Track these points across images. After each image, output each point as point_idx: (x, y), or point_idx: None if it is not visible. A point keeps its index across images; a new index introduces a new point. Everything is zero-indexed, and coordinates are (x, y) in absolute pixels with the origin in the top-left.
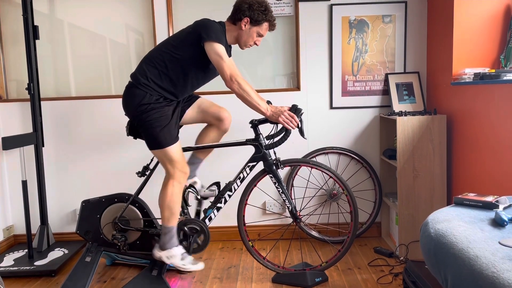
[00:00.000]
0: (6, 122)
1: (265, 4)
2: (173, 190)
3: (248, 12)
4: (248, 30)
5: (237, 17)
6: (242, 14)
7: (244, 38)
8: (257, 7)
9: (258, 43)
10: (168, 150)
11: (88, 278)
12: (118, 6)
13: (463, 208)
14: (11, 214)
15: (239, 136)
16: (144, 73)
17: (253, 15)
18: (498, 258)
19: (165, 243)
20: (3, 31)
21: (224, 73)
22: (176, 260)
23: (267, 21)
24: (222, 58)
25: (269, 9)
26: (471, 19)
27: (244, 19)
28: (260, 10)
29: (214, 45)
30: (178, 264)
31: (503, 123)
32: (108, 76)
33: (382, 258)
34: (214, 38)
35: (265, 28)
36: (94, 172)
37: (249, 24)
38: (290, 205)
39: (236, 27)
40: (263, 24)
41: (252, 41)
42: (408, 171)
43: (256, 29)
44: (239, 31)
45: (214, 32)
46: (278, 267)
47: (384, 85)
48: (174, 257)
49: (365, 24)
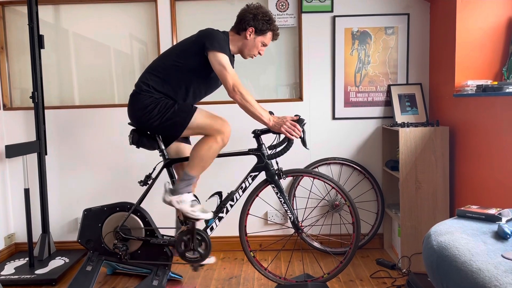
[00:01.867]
0: (9, 130)
1: (269, 14)
2: (213, 146)
3: (252, 22)
4: (253, 39)
5: (242, 27)
6: (247, 24)
7: (249, 48)
8: (261, 17)
9: (262, 53)
10: (194, 123)
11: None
12: (123, 16)
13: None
14: (12, 222)
15: (242, 146)
16: (146, 82)
17: (258, 25)
18: (501, 271)
19: (180, 189)
20: (9, 40)
21: (227, 83)
22: (185, 206)
23: (271, 31)
24: (225, 68)
25: (272, 19)
26: (474, 31)
27: (249, 29)
28: (265, 20)
29: (218, 55)
30: (187, 209)
31: (506, 135)
32: (112, 85)
33: (385, 270)
34: (218, 48)
35: (269, 37)
36: (96, 181)
37: (254, 34)
38: (292, 215)
39: (241, 36)
40: (267, 34)
41: (257, 50)
42: (410, 182)
43: (261, 38)
44: (243, 41)
45: (218, 41)
46: (280, 278)
47: (387, 96)
48: (184, 202)
49: (367, 36)
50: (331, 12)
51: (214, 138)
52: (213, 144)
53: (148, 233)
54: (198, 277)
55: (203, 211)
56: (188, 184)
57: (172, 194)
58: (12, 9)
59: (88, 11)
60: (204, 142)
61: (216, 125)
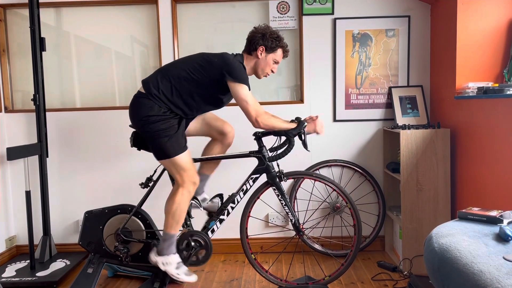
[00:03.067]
0: (11, 132)
1: (277, 32)
2: (181, 199)
3: (262, 41)
4: (265, 58)
5: (253, 47)
6: (257, 43)
7: (262, 66)
8: (269, 36)
9: (275, 70)
10: (176, 160)
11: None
12: (124, 19)
13: (467, 223)
14: (13, 225)
15: (243, 148)
16: (156, 85)
17: (267, 43)
18: (502, 273)
19: (164, 249)
20: (10, 43)
21: (251, 117)
22: (171, 268)
23: (281, 47)
24: (248, 102)
25: (280, 37)
26: (475, 33)
27: (260, 48)
28: (273, 38)
29: (241, 87)
30: (172, 272)
31: (507, 137)
32: (113, 88)
33: (386, 272)
34: (241, 80)
35: (280, 54)
36: (98, 183)
37: (265, 52)
38: (293, 217)
39: (252, 56)
40: (278, 51)
41: (269, 68)
42: (411, 184)
43: (272, 56)
44: (256, 60)
45: (239, 72)
46: (281, 281)
47: (388, 99)
48: (169, 264)
49: (368, 38)
50: (332, 14)
51: (179, 192)
52: (179, 198)
53: (149, 235)
54: (199, 280)
55: (187, 274)
56: (171, 244)
57: (159, 255)
58: (13, 12)
59: (90, 14)
60: (171, 200)
61: (187, 174)
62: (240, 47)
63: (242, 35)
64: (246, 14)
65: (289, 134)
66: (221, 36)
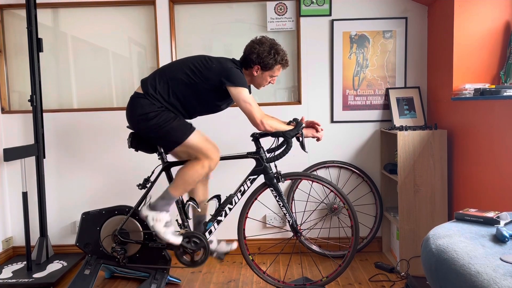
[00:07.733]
0: (8, 133)
1: (275, 48)
2: (201, 170)
3: (257, 61)
4: (261, 75)
5: (248, 65)
6: (251, 62)
7: (258, 82)
8: (265, 56)
9: (274, 82)
10: (189, 142)
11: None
12: (121, 20)
13: (464, 224)
14: (10, 226)
15: (241, 149)
16: (154, 85)
17: (262, 62)
18: (499, 274)
19: (158, 205)
20: (7, 43)
21: (255, 119)
22: (159, 225)
23: (278, 64)
24: (251, 105)
25: (278, 53)
26: (471, 35)
27: (255, 67)
28: (269, 58)
29: (241, 91)
30: (159, 229)
31: (504, 138)
32: (110, 89)
33: (383, 273)
34: (240, 84)
35: (278, 69)
36: (95, 184)
37: (261, 70)
38: (290, 218)
39: (249, 72)
40: (275, 68)
41: (266, 82)
42: (409, 185)
43: (268, 73)
44: (252, 77)
45: (238, 77)
46: (278, 282)
47: (385, 100)
48: (159, 221)
49: (366, 39)
50: (329, 16)
51: (201, 163)
52: (199, 169)
53: (147, 236)
54: (196, 281)
55: (174, 234)
56: (167, 204)
57: (151, 209)
58: (10, 12)
59: (87, 15)
60: (191, 166)
61: (207, 150)
62: (238, 48)
63: (239, 36)
64: (244, 15)
65: (287, 136)
66: (219, 37)
